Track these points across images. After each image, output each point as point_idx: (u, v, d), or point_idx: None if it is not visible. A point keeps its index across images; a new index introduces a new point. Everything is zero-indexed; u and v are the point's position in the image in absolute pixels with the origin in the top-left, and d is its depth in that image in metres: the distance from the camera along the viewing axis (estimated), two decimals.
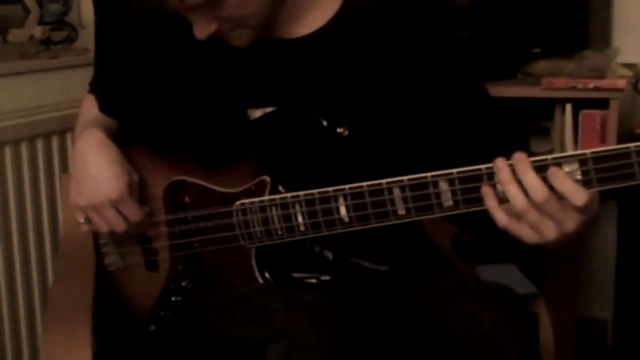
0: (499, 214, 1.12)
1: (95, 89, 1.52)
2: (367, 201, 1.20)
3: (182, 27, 1.28)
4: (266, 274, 1.31)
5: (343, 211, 1.22)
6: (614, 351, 2.42)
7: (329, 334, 1.15)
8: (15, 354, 2.07)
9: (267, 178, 1.30)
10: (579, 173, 1.08)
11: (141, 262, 1.41)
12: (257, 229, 1.29)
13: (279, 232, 1.28)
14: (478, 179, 1.13)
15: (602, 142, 2.08)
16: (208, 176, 1.36)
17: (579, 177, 1.08)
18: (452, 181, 1.14)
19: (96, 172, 1.34)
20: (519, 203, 1.10)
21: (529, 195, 1.09)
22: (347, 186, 1.21)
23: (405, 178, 1.17)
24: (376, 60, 1.35)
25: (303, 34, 1.35)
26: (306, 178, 1.28)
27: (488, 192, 1.12)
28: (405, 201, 1.18)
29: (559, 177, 1.08)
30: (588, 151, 1.07)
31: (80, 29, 2.33)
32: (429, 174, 1.16)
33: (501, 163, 1.11)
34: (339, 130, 1.28)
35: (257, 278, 1.31)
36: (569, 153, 1.08)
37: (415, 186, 1.17)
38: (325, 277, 1.34)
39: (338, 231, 1.24)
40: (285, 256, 1.32)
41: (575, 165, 1.08)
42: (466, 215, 1.16)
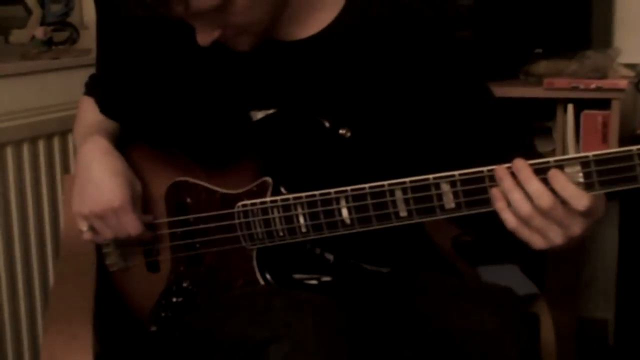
0: (507, 215, 1.12)
1: (96, 90, 1.51)
2: (369, 203, 1.20)
3: (185, 29, 1.27)
4: (267, 275, 1.31)
5: (345, 213, 1.22)
6: (615, 351, 2.41)
7: (330, 334, 1.15)
8: (16, 355, 2.07)
9: (269, 179, 1.29)
10: (581, 175, 1.07)
11: (142, 263, 1.41)
12: (258, 230, 1.29)
13: (281, 233, 1.28)
14: (480, 181, 1.13)
15: (604, 142, 2.08)
16: (210, 177, 1.36)
17: (581, 179, 1.08)
18: (454, 183, 1.14)
19: (99, 181, 1.34)
20: (524, 210, 1.09)
21: (534, 202, 1.09)
22: (349, 188, 1.21)
23: (407, 180, 1.17)
24: (378, 62, 1.35)
25: (305, 36, 1.35)
26: (308, 180, 1.28)
27: (497, 194, 1.12)
28: (407, 203, 1.18)
29: (560, 181, 1.07)
30: (590, 154, 1.06)
31: (82, 29, 2.33)
32: (431, 176, 1.16)
33: (502, 172, 1.11)
34: (341, 131, 1.28)
35: (258, 279, 1.30)
36: (571, 155, 1.08)
37: (417, 188, 1.17)
38: (326, 279, 1.34)
39: (340, 233, 1.24)
40: (286, 258, 1.32)
41: (578, 168, 1.07)
42: (468, 216, 1.16)
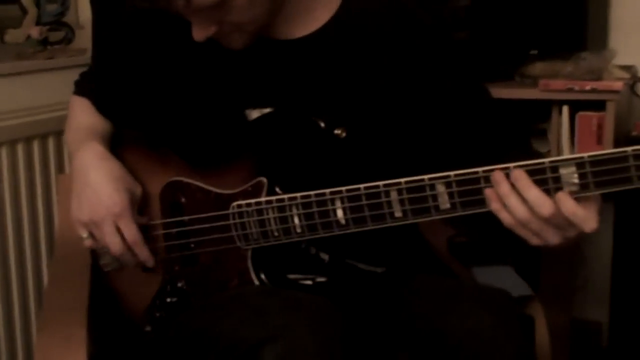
0: (504, 215, 1.12)
1: (90, 89, 1.50)
2: (364, 204, 1.20)
3: (180, 27, 1.27)
4: (262, 275, 1.31)
5: (340, 213, 1.22)
6: (609, 353, 2.42)
7: (325, 335, 1.14)
8: (10, 355, 2.06)
9: (264, 179, 1.29)
10: (576, 176, 1.08)
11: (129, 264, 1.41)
12: (253, 230, 1.29)
13: (276, 233, 1.28)
14: (475, 181, 1.13)
15: (599, 143, 2.08)
16: (204, 177, 1.35)
17: (575, 180, 1.08)
18: (450, 184, 1.14)
19: (97, 187, 1.33)
20: (521, 215, 1.10)
21: (534, 210, 1.09)
22: (344, 188, 1.21)
23: (402, 181, 1.17)
24: (374, 62, 1.35)
25: (301, 35, 1.35)
26: (303, 180, 1.28)
27: (492, 195, 1.12)
28: (402, 204, 1.18)
29: (568, 204, 1.08)
30: (585, 155, 1.07)
31: (77, 29, 2.32)
32: (426, 177, 1.16)
33: (499, 176, 1.11)
34: (336, 132, 1.28)
35: (253, 279, 1.30)
36: (566, 156, 1.08)
37: (412, 189, 1.17)
38: (321, 279, 1.34)
39: (335, 233, 1.24)
40: (281, 258, 1.32)
41: (573, 169, 1.08)
42: (462, 216, 1.16)
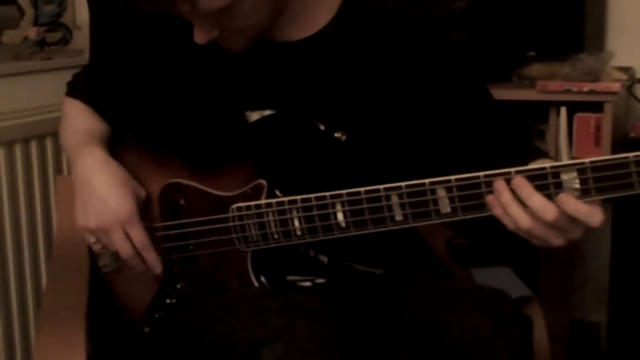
0: (506, 220, 1.12)
1: (89, 91, 1.49)
2: (365, 207, 1.20)
3: (181, 28, 1.27)
4: (262, 277, 1.31)
5: (340, 217, 1.22)
6: (607, 354, 2.42)
7: (324, 336, 1.14)
8: (8, 356, 2.06)
9: (264, 182, 1.29)
10: (577, 182, 1.08)
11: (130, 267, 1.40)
12: (253, 232, 1.29)
13: (275, 236, 1.28)
14: (476, 186, 1.13)
15: (597, 145, 2.08)
16: (204, 179, 1.35)
17: (577, 185, 1.08)
18: (450, 188, 1.14)
19: (103, 194, 1.32)
20: (525, 222, 1.10)
21: (538, 216, 1.09)
22: (344, 191, 1.21)
23: (403, 184, 1.17)
24: (374, 64, 1.35)
25: (302, 37, 1.35)
26: (303, 182, 1.28)
27: (494, 202, 1.12)
28: (402, 207, 1.18)
29: (571, 203, 1.08)
30: (587, 160, 1.07)
31: (74, 30, 2.32)
32: (426, 181, 1.16)
33: (500, 185, 1.11)
34: (336, 134, 1.28)
35: (252, 281, 1.30)
36: (568, 162, 1.08)
37: (413, 193, 1.17)
38: (320, 280, 1.34)
39: (335, 236, 1.24)
40: (280, 259, 1.32)
41: (574, 174, 1.08)
42: (462, 220, 1.16)
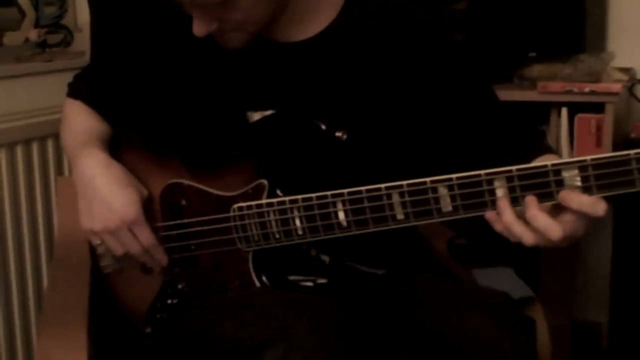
0: (509, 235, 1.12)
1: (90, 91, 1.49)
2: (366, 206, 1.20)
3: (182, 28, 1.27)
4: (263, 277, 1.30)
5: (341, 216, 1.22)
6: (609, 354, 2.42)
7: (326, 336, 1.14)
8: (10, 357, 2.06)
9: (265, 182, 1.29)
10: (578, 179, 1.08)
11: (137, 264, 1.40)
12: (254, 232, 1.29)
13: (277, 235, 1.28)
14: (478, 184, 1.13)
15: (598, 146, 2.08)
16: (205, 179, 1.35)
17: (578, 183, 1.08)
18: (452, 187, 1.14)
19: (108, 196, 1.32)
20: (529, 240, 1.11)
21: (544, 236, 1.09)
22: (345, 191, 1.21)
23: (404, 183, 1.17)
24: (375, 65, 1.35)
25: (303, 38, 1.35)
26: (304, 182, 1.27)
27: (494, 218, 1.13)
28: (404, 206, 1.18)
29: (574, 197, 1.08)
30: (588, 157, 1.07)
31: (75, 32, 2.32)
32: (428, 179, 1.16)
33: (503, 204, 1.11)
34: (337, 134, 1.28)
35: (254, 281, 1.30)
36: (569, 159, 1.08)
37: (414, 191, 1.17)
38: (322, 281, 1.34)
39: (336, 235, 1.24)
40: (282, 260, 1.32)
41: (575, 172, 1.08)
42: (463, 218, 1.16)
